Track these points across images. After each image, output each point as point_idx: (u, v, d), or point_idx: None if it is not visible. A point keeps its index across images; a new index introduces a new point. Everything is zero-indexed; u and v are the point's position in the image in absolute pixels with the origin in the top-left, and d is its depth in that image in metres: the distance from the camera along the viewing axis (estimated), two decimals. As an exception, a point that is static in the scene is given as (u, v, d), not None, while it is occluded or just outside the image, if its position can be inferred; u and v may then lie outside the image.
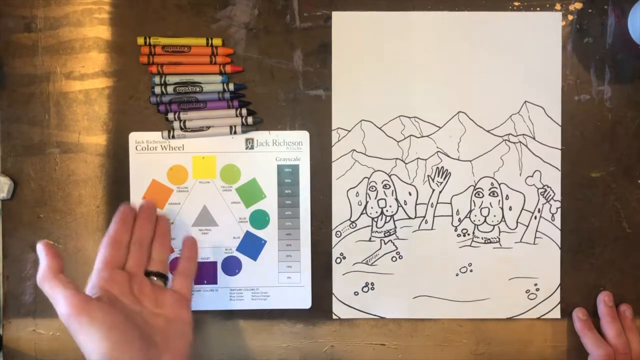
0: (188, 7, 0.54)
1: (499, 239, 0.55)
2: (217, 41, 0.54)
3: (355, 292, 0.55)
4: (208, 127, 0.54)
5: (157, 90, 0.54)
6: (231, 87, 0.54)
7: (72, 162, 0.55)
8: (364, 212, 0.55)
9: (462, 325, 0.56)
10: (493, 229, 0.55)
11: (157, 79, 0.53)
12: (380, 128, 0.55)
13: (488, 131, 0.55)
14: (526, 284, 0.55)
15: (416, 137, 0.55)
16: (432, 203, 0.55)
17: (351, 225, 0.55)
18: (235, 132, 0.54)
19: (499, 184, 0.55)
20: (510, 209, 0.55)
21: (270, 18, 0.54)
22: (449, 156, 0.55)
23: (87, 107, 0.54)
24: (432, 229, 0.55)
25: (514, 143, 0.55)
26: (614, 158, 0.55)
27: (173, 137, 0.54)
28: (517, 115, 0.55)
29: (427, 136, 0.55)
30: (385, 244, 0.55)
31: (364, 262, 0.55)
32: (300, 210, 0.55)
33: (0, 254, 0.55)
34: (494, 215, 0.55)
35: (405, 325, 0.56)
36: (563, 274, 0.55)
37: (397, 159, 0.55)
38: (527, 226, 0.55)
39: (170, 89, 0.53)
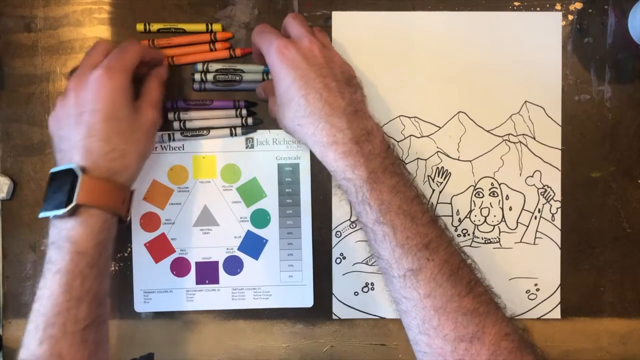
0: (188, 7, 0.54)
1: (499, 239, 0.55)
2: (216, 27, 0.54)
3: (355, 292, 0.55)
4: (208, 130, 0.54)
5: (197, 77, 0.54)
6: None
7: (72, 162, 0.55)
8: (364, 212, 0.55)
9: (462, 325, 0.56)
10: (493, 229, 0.55)
11: (199, 66, 0.54)
12: (380, 128, 0.55)
13: (488, 131, 0.55)
14: (526, 284, 0.55)
15: (416, 137, 0.55)
16: (432, 203, 0.55)
17: (351, 226, 0.55)
18: (235, 134, 0.54)
19: (499, 184, 0.55)
20: (510, 209, 0.55)
21: (270, 18, 0.54)
22: (449, 156, 0.55)
23: (87, 107, 0.54)
24: (432, 229, 0.55)
25: (514, 143, 0.55)
26: (614, 158, 0.55)
27: (173, 139, 0.54)
28: (517, 115, 0.55)
29: (427, 136, 0.55)
30: (385, 244, 0.55)
31: (364, 262, 0.55)
32: (301, 209, 0.55)
33: (0, 254, 0.55)
34: (494, 216, 0.55)
35: (406, 325, 0.56)
36: (563, 274, 0.55)
37: (397, 159, 0.55)
38: (527, 226, 0.55)
39: (210, 77, 0.53)
